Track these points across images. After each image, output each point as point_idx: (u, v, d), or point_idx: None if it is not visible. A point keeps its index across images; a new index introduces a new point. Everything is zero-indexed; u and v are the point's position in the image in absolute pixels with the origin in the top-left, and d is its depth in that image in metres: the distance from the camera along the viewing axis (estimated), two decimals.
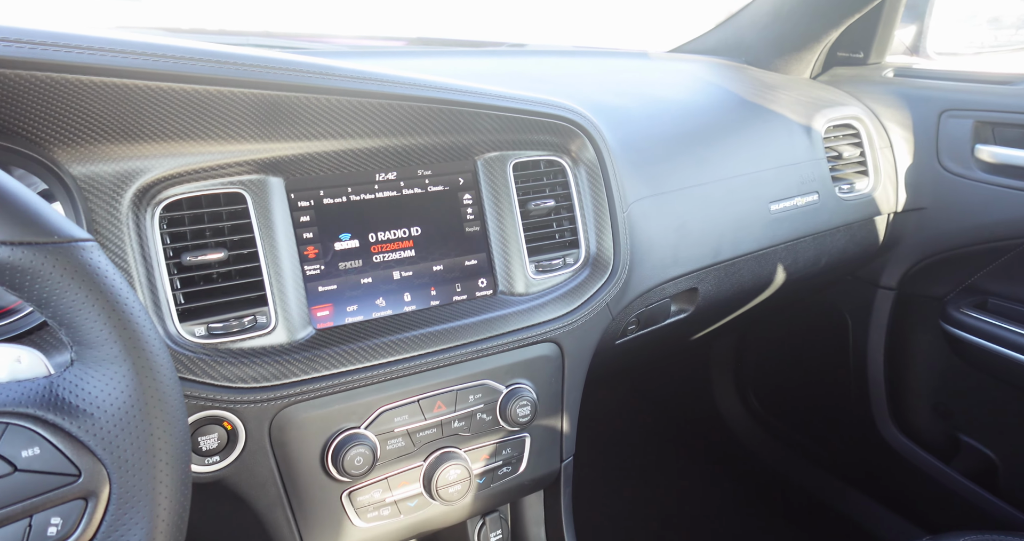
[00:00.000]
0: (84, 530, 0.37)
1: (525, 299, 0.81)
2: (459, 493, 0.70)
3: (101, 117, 0.56)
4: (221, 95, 0.60)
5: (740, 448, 1.61)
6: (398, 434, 0.70)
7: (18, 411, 0.36)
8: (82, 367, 0.38)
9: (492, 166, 0.81)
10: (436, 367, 0.73)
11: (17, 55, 0.50)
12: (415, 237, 0.79)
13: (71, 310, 0.37)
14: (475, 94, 0.75)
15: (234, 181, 0.66)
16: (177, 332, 0.63)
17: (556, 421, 0.81)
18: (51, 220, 0.37)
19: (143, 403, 0.39)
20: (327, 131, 0.69)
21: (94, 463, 0.37)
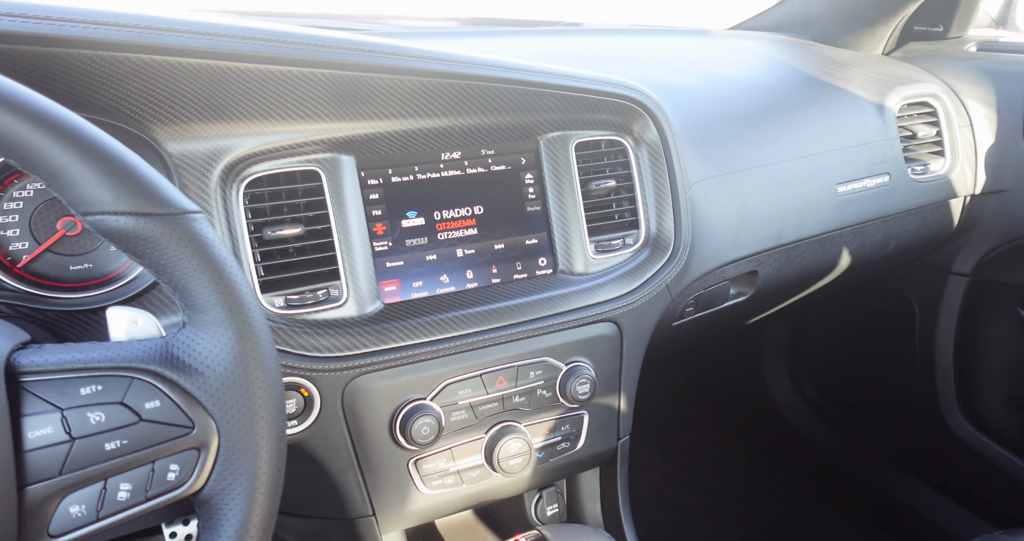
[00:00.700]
0: (197, 477, 0.40)
1: (584, 278, 0.82)
2: (519, 466, 0.72)
3: (194, 97, 0.59)
4: (303, 76, 0.63)
5: (793, 435, 1.58)
6: (461, 406, 0.72)
7: (141, 367, 0.40)
8: (193, 329, 0.41)
9: (554, 146, 0.82)
10: (498, 343, 0.75)
11: (124, 38, 0.54)
12: (478, 216, 0.80)
13: (184, 276, 0.40)
14: (540, 74, 0.75)
15: (310, 159, 0.69)
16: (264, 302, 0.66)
17: (614, 400, 0.82)
18: (168, 193, 0.40)
19: (246, 364, 0.41)
20: (397, 111, 0.71)
21: (205, 417, 0.41)
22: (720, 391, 1.75)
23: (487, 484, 0.74)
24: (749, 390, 1.66)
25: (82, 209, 0.38)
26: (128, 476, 0.38)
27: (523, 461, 0.72)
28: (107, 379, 0.39)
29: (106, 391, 0.38)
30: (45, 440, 0.36)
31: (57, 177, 0.37)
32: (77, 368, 0.38)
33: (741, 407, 1.70)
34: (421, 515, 0.73)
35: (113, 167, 0.38)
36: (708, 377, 1.76)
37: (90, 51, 0.53)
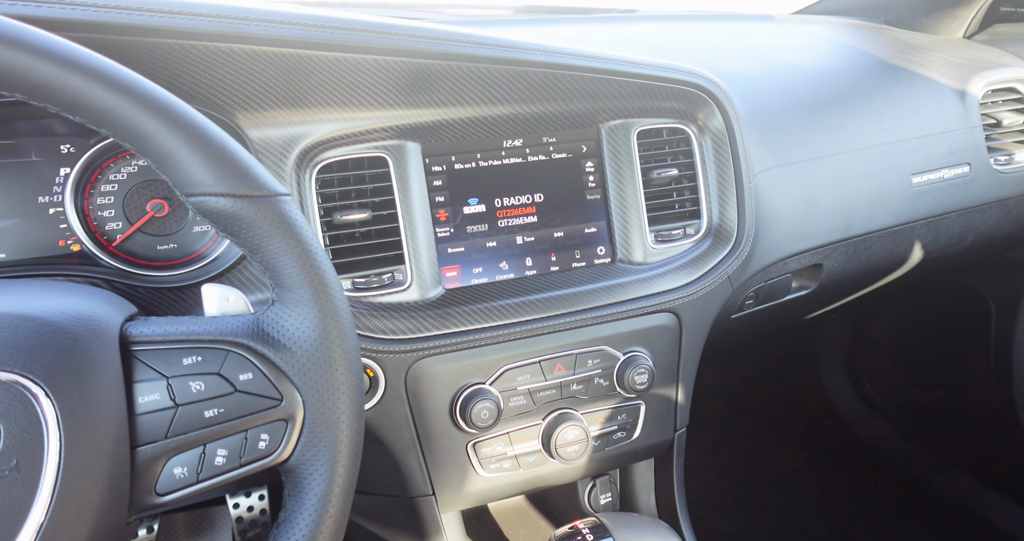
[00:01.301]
0: (284, 448, 0.42)
1: (644, 268, 0.81)
2: (576, 453, 0.72)
3: (275, 85, 0.61)
4: (376, 64, 0.64)
5: (852, 438, 1.53)
6: (520, 392, 0.73)
7: (236, 341, 0.42)
8: (281, 307, 0.43)
9: (615, 134, 0.81)
10: (556, 330, 0.75)
11: (215, 28, 0.56)
12: (538, 203, 0.80)
13: (275, 256, 0.42)
14: (607, 60, 0.74)
15: (378, 146, 0.71)
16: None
17: (671, 391, 0.81)
18: (262, 176, 0.42)
19: (329, 342, 0.43)
20: (463, 98, 0.71)
21: (292, 391, 0.42)
22: (773, 389, 1.70)
23: (543, 470, 0.75)
24: (804, 389, 1.61)
25: (186, 190, 0.40)
26: (224, 443, 0.41)
27: (580, 449, 0.72)
28: (206, 351, 0.41)
29: (205, 362, 0.41)
30: (153, 405, 0.39)
31: (165, 159, 0.39)
32: (180, 340, 0.41)
33: (795, 406, 1.66)
34: (478, 497, 0.74)
35: (215, 152, 0.39)
36: (760, 374, 1.71)
37: (185, 41, 0.56)
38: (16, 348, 0.34)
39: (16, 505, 0.33)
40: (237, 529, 0.97)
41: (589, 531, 0.62)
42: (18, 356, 0.34)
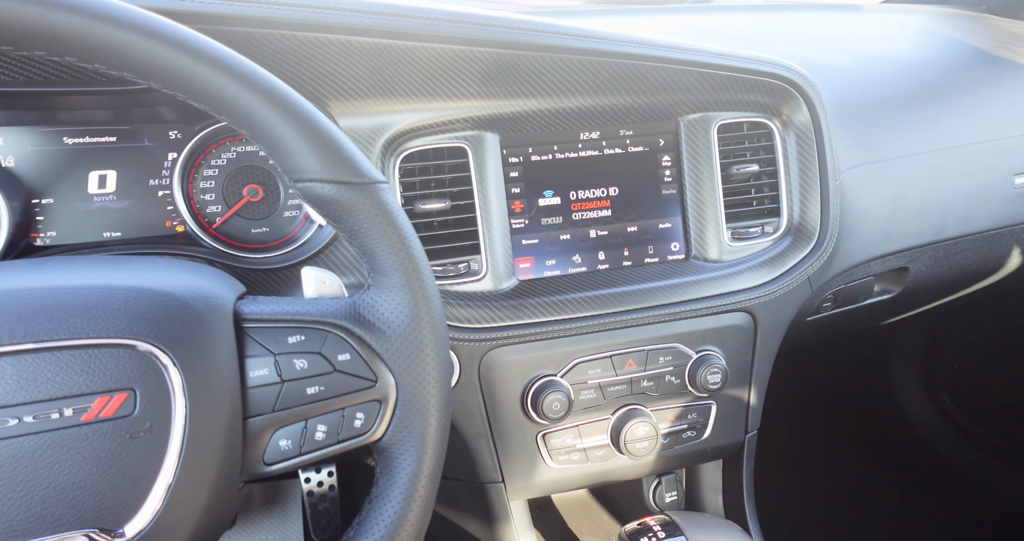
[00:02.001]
0: (377, 427, 0.44)
1: (719, 266, 0.79)
2: (645, 450, 0.72)
3: (365, 75, 0.64)
4: (461, 54, 0.65)
5: (925, 448, 1.45)
6: (591, 386, 0.73)
7: (335, 322, 0.44)
8: (377, 291, 0.45)
9: (694, 127, 0.79)
10: (628, 326, 0.74)
11: (311, 18, 0.59)
12: (612, 197, 0.80)
13: (372, 242, 0.43)
14: (693, 52, 0.73)
15: (458, 136, 0.72)
16: None
17: (744, 392, 0.79)
18: (363, 165, 0.43)
19: (420, 328, 0.44)
20: (542, 89, 0.71)
21: (386, 373, 0.44)
22: (841, 395, 1.63)
23: (611, 464, 0.75)
24: (873, 396, 1.54)
25: (295, 176, 0.42)
26: (324, 419, 0.43)
27: (649, 445, 0.72)
28: (309, 331, 0.43)
29: (308, 341, 0.43)
30: (262, 380, 0.41)
31: (277, 146, 0.41)
32: (286, 319, 0.43)
33: (863, 414, 1.58)
34: (546, 487, 0.75)
35: (323, 141, 0.41)
36: (827, 379, 1.65)
37: (285, 31, 0.59)
38: (149, 320, 0.37)
39: (149, 465, 0.36)
40: (308, 502, 1.02)
41: (660, 528, 0.62)
42: (151, 327, 0.37)
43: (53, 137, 0.63)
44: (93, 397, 0.35)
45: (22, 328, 0.34)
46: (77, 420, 0.34)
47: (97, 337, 0.35)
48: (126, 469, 0.35)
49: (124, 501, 0.35)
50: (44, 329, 0.34)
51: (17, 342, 0.34)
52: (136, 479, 0.36)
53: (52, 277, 0.37)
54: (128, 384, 0.36)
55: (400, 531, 0.43)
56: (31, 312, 0.35)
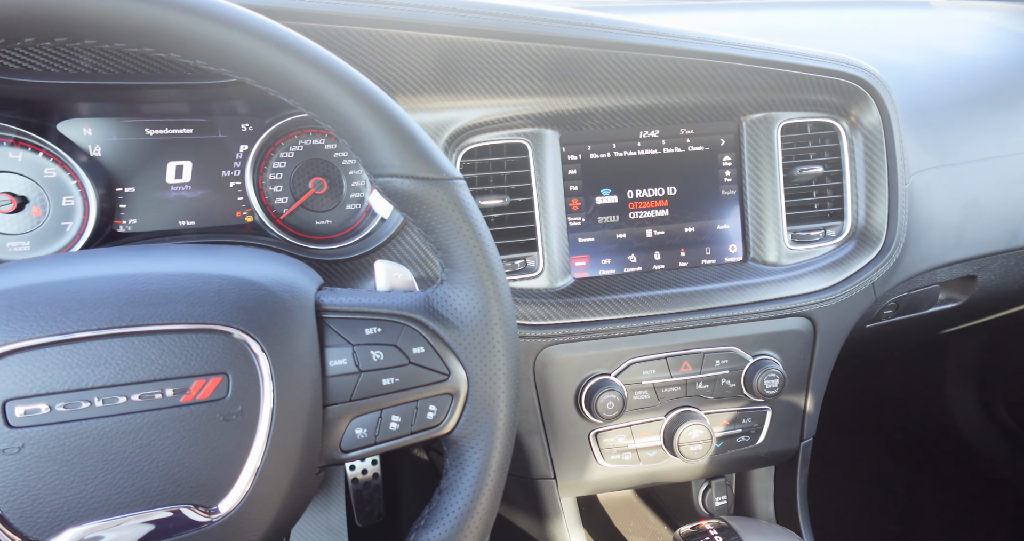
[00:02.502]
0: (448, 420, 0.45)
1: (778, 269, 0.78)
2: (698, 453, 0.71)
3: (431, 71, 0.64)
4: (526, 50, 0.65)
5: (981, 463, 1.39)
6: (645, 386, 0.72)
7: (410, 315, 0.45)
8: (450, 286, 0.45)
9: (757, 127, 0.78)
10: (684, 327, 0.74)
11: (383, 14, 0.60)
12: (670, 197, 0.79)
13: (448, 237, 0.44)
14: (760, 50, 0.71)
15: (519, 133, 0.72)
16: None
17: (800, 399, 0.78)
18: (442, 161, 0.44)
19: (491, 324, 0.45)
20: (604, 87, 0.71)
21: (458, 367, 0.45)
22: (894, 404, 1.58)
23: (662, 466, 0.74)
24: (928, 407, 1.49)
25: (376, 171, 0.43)
26: (398, 410, 0.44)
27: (703, 448, 0.71)
28: (385, 323, 0.44)
29: (384, 334, 0.44)
30: (341, 369, 0.42)
31: (361, 141, 0.42)
32: (363, 311, 0.44)
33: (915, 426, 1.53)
34: (596, 486, 0.75)
35: (405, 137, 0.42)
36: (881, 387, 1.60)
37: (360, 27, 0.60)
38: (241, 308, 0.39)
39: (240, 447, 0.37)
40: (352, 488, 1.04)
41: (717, 533, 0.61)
42: (243, 315, 0.38)
43: (136, 128, 0.66)
44: (191, 380, 0.36)
45: (130, 312, 0.36)
46: (177, 401, 0.36)
47: (196, 323, 0.37)
48: (219, 450, 0.37)
49: (217, 480, 0.37)
50: (149, 313, 0.36)
51: (126, 325, 0.36)
52: (228, 460, 0.37)
53: (151, 264, 0.39)
54: (222, 369, 0.37)
55: (469, 523, 0.43)
56: (137, 297, 0.36)
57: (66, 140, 0.62)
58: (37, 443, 0.33)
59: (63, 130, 0.63)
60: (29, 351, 0.34)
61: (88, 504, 0.34)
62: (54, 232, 0.63)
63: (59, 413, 0.34)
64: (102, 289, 0.36)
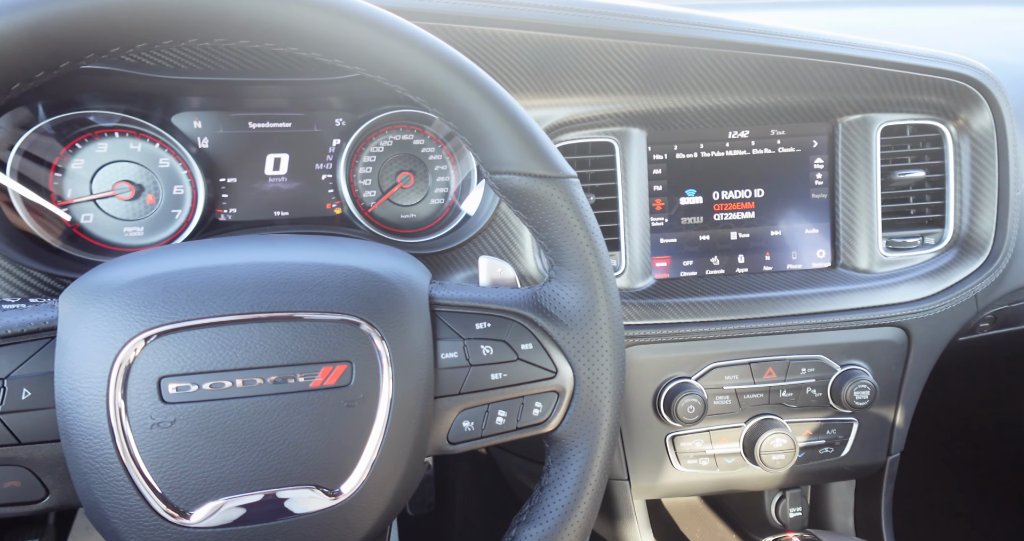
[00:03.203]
0: (553, 418, 0.45)
1: (870, 277, 0.75)
2: (780, 462, 0.69)
3: (527, 68, 0.65)
4: (621, 48, 0.65)
5: None
6: (726, 392, 0.71)
7: (519, 312, 0.45)
8: (558, 284, 0.46)
9: (853, 129, 0.75)
10: (769, 333, 0.72)
11: (483, 12, 0.60)
12: (757, 199, 0.77)
13: (560, 235, 0.44)
14: (864, 48, 0.69)
15: (607, 131, 0.72)
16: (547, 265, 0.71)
17: (889, 412, 0.75)
18: (558, 159, 0.44)
19: (599, 323, 0.45)
20: (696, 86, 0.70)
21: (565, 365, 0.45)
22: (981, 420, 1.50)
23: (739, 473, 0.73)
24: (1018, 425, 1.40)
25: (493, 168, 0.43)
26: (504, 405, 0.44)
27: (786, 458, 0.69)
28: (494, 318, 0.44)
29: (494, 329, 0.44)
30: (452, 362, 0.43)
31: (482, 139, 0.42)
32: (474, 306, 0.45)
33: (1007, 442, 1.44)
34: (670, 490, 0.74)
35: (524, 135, 0.42)
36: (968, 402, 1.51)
37: (459, 25, 0.61)
38: (365, 299, 0.40)
39: (360, 433, 0.39)
40: None
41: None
42: (367, 306, 0.40)
43: (240, 121, 0.69)
44: (319, 366, 0.38)
45: (267, 299, 0.38)
46: (306, 386, 0.38)
47: (326, 312, 0.38)
48: (341, 435, 0.38)
49: (340, 464, 0.38)
50: (283, 300, 0.38)
51: (263, 311, 0.37)
52: (349, 445, 0.38)
53: (282, 253, 0.41)
54: (347, 357, 0.38)
55: (571, 521, 0.44)
56: (272, 284, 0.38)
57: (179, 132, 0.66)
58: (186, 419, 0.36)
59: (177, 122, 0.66)
60: (181, 332, 0.36)
61: (226, 479, 0.36)
62: (165, 219, 0.67)
63: (205, 392, 0.36)
64: (242, 276, 0.38)
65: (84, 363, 0.35)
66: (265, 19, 0.35)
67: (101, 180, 0.64)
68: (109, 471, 0.35)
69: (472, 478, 1.15)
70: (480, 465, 1.13)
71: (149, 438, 0.35)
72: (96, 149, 0.64)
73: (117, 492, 0.35)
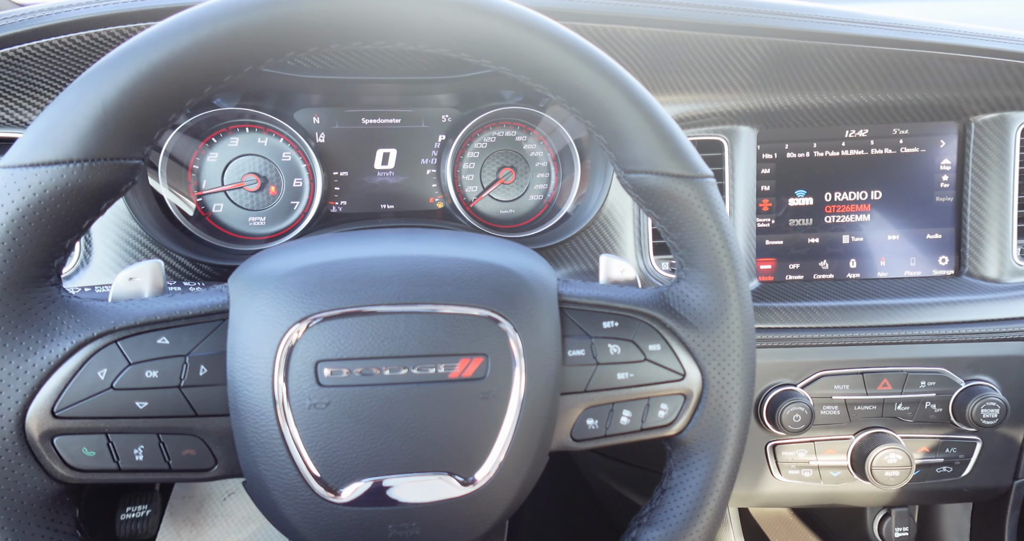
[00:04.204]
0: (678, 421, 0.44)
1: (1000, 287, 0.69)
2: (895, 479, 0.66)
3: (641, 65, 0.64)
4: (741, 44, 0.63)
5: None
6: (835, 402, 0.68)
7: (647, 312, 0.45)
8: (688, 285, 0.45)
9: (988, 129, 0.69)
10: (883, 342, 0.68)
11: (606, 10, 0.60)
12: (874, 201, 0.73)
13: (694, 235, 0.43)
14: (1010, 41, 0.64)
15: (717, 130, 0.70)
16: (653, 266, 0.70)
17: (1018, 432, 0.69)
18: (696, 159, 0.43)
19: (731, 327, 0.44)
20: (814, 82, 0.67)
21: (694, 368, 0.44)
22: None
23: (845, 488, 0.70)
24: None
25: (628, 167, 0.43)
26: (630, 405, 0.44)
27: (900, 476, 0.66)
28: (622, 318, 0.44)
29: (621, 328, 0.44)
30: (579, 360, 0.43)
31: (619, 137, 0.42)
32: (601, 304, 0.44)
33: None
34: (768, 499, 0.72)
35: (663, 134, 0.42)
36: None
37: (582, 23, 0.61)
38: (501, 293, 0.41)
39: (492, 426, 0.40)
40: None
41: None
42: (502, 300, 0.40)
43: (354, 117, 0.71)
44: (458, 358, 0.39)
45: (412, 291, 0.39)
46: (446, 376, 0.39)
47: (466, 305, 0.39)
48: (475, 426, 0.39)
49: (473, 453, 0.39)
50: (427, 293, 0.39)
51: (409, 303, 0.39)
52: (482, 436, 0.39)
53: (422, 247, 0.42)
54: (483, 350, 0.39)
55: (695, 527, 0.43)
56: (417, 277, 0.39)
57: (300, 127, 0.69)
58: (339, 401, 0.37)
59: (298, 118, 0.70)
60: (336, 319, 0.38)
61: (372, 462, 0.38)
62: (285, 210, 0.70)
63: (356, 377, 0.38)
64: (390, 268, 0.40)
65: (253, 345, 0.37)
66: (420, 21, 0.36)
67: (231, 172, 0.68)
68: (272, 446, 0.37)
69: (545, 471, 1.15)
70: (553, 457, 1.13)
71: (306, 418, 0.37)
72: (229, 143, 0.68)
73: (278, 466, 0.37)
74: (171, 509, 1.21)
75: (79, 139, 0.35)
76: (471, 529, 0.41)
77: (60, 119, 0.35)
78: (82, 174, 0.35)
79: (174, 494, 1.24)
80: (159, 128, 0.37)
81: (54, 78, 0.58)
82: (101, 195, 0.36)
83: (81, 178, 0.35)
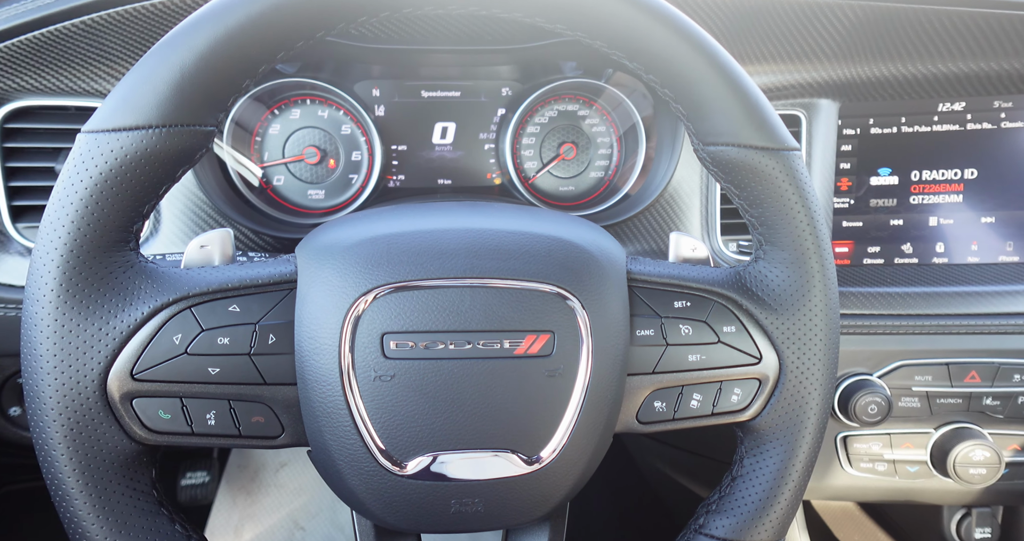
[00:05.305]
0: (752, 407, 0.42)
1: None
2: (981, 478, 0.62)
3: (717, 34, 0.60)
4: (831, 7, 0.58)
5: None
6: (915, 394, 0.64)
7: (721, 292, 0.42)
8: (767, 264, 0.42)
9: None
10: (972, 332, 0.63)
11: None
12: (967, 180, 0.68)
13: (776, 212, 0.40)
14: None
15: (794, 103, 0.66)
16: (720, 247, 0.67)
17: None
18: (780, 129, 0.40)
19: (813, 309, 0.41)
20: (907, 51, 0.62)
21: (771, 352, 0.42)
22: None
23: (923, 484, 0.66)
24: None
25: (708, 138, 0.40)
26: (700, 388, 0.42)
27: (987, 474, 0.61)
28: (694, 297, 0.42)
29: (693, 308, 0.42)
30: (647, 340, 0.41)
31: (699, 108, 0.39)
32: (672, 283, 0.42)
33: None
34: (837, 492, 0.69)
35: (746, 103, 0.39)
36: None
37: None
38: (568, 269, 0.39)
39: (557, 405, 0.38)
40: None
41: None
42: (570, 277, 0.39)
43: (414, 90, 0.70)
44: (523, 334, 0.37)
45: (478, 265, 0.38)
46: (511, 352, 0.37)
47: (532, 280, 0.38)
48: (541, 403, 0.38)
49: (538, 432, 0.38)
50: (493, 267, 0.38)
51: (475, 276, 0.37)
52: (547, 415, 0.38)
53: (488, 220, 0.41)
54: (550, 327, 0.38)
55: (767, 517, 0.41)
56: (482, 250, 0.38)
57: (360, 99, 0.68)
58: (405, 374, 0.37)
59: (358, 90, 0.69)
60: (402, 292, 0.37)
61: (437, 436, 0.37)
62: (343, 184, 0.70)
63: (421, 350, 0.37)
64: (455, 241, 0.38)
65: (321, 314, 0.37)
66: None
67: (292, 145, 0.68)
68: (338, 416, 0.37)
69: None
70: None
71: (372, 390, 0.37)
72: (290, 115, 0.68)
73: (344, 437, 0.37)
74: (227, 477, 1.26)
75: (158, 105, 0.34)
76: (533, 508, 0.40)
77: (140, 85, 0.35)
78: (160, 140, 0.35)
79: (230, 463, 1.29)
80: (233, 94, 0.37)
81: (128, 47, 0.59)
82: (178, 161, 0.36)
83: (160, 144, 0.35)
